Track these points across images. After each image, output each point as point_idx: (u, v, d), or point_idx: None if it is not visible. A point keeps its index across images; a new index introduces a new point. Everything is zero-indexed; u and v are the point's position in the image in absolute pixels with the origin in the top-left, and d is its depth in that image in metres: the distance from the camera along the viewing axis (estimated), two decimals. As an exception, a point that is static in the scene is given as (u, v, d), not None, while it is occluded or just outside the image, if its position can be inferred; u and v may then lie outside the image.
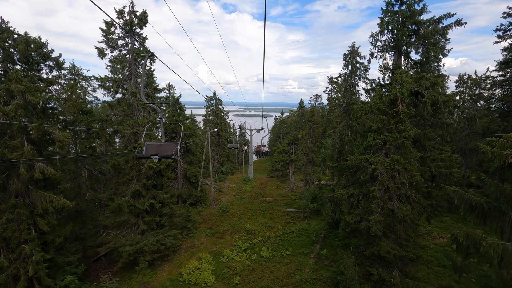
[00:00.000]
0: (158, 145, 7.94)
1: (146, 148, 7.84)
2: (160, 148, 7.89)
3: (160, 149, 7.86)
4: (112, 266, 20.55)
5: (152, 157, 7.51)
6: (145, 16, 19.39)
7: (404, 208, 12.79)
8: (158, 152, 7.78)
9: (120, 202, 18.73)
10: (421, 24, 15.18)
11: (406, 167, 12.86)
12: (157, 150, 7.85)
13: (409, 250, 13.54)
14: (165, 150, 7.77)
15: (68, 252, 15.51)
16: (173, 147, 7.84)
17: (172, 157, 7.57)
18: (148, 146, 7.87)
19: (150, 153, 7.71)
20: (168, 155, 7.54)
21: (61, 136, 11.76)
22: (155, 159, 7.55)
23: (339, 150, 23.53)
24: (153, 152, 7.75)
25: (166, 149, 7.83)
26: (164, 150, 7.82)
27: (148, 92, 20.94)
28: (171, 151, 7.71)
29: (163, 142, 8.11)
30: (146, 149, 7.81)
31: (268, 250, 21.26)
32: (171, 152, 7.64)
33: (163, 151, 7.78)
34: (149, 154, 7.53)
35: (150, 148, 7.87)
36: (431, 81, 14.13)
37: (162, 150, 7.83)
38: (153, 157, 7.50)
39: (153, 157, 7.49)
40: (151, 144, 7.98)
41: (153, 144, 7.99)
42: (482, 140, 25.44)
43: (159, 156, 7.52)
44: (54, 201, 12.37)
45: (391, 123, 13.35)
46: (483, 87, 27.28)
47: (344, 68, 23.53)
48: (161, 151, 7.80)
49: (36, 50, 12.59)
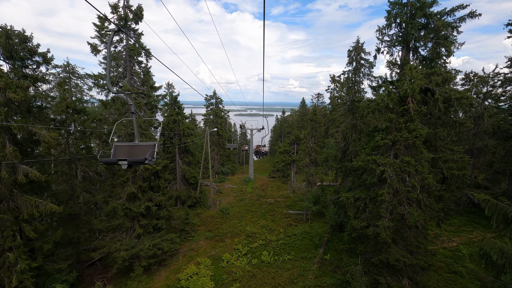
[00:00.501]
0: (130, 147, 6.40)
1: (115, 150, 6.32)
2: (132, 151, 6.32)
3: (132, 152, 6.31)
4: (107, 271, 19.78)
5: (119, 162, 5.88)
6: (141, 11, 18.59)
7: (415, 213, 11.91)
8: (129, 156, 6.24)
9: (115, 205, 17.94)
10: (432, 16, 14.27)
11: (417, 169, 11.97)
12: (129, 153, 6.29)
13: (420, 258, 12.65)
14: (138, 153, 6.25)
15: (58, 259, 14.73)
16: (149, 149, 6.35)
17: (146, 162, 6.03)
18: (118, 148, 6.35)
19: (119, 157, 6.15)
20: (141, 160, 6.00)
21: (47, 136, 10.96)
22: (124, 165, 5.88)
23: (343, 150, 22.65)
24: (122, 156, 6.17)
25: (140, 151, 6.28)
26: (137, 153, 6.28)
27: (144, 90, 20.15)
28: (145, 155, 6.18)
29: (136, 143, 6.54)
30: (115, 151, 6.30)
31: (269, 254, 20.42)
32: (145, 156, 6.07)
33: (135, 154, 6.27)
34: (115, 159, 5.97)
35: (120, 150, 6.34)
36: (443, 77, 13.22)
37: (135, 153, 6.29)
38: (121, 163, 5.87)
39: (121, 162, 5.87)
40: (121, 145, 6.41)
41: (123, 146, 6.41)
42: (493, 139, 24.62)
43: (128, 161, 5.91)
44: (40, 205, 11.58)
45: (400, 122, 12.45)
46: (492, 84, 26.29)
47: (348, 65, 22.63)
48: (134, 154, 6.27)
49: (21, 44, 11.80)
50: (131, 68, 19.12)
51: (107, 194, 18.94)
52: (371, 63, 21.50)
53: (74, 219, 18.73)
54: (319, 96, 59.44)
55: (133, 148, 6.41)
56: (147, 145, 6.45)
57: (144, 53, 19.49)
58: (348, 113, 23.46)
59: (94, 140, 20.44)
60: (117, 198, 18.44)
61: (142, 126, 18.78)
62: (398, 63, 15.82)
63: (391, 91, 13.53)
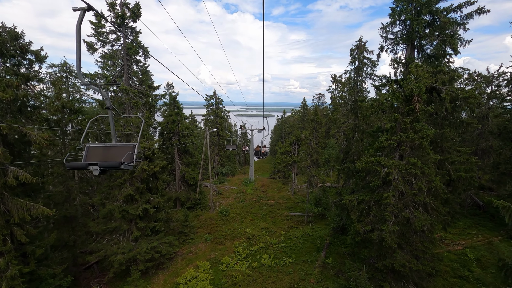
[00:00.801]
0: (105, 149, 5.46)
1: (88, 152, 5.36)
2: (108, 153, 5.37)
3: (108, 155, 5.36)
4: (104, 274, 19.34)
5: (90, 168, 4.88)
6: (138, 8, 18.17)
7: (421, 217, 11.43)
8: (104, 159, 5.26)
9: (112, 208, 17.50)
10: (438, 13, 13.80)
11: (424, 171, 11.49)
12: (104, 156, 5.33)
13: (427, 264, 12.18)
14: (115, 156, 5.31)
15: (53, 263, 14.28)
16: (126, 150, 5.41)
17: (121, 167, 4.97)
18: (91, 150, 5.41)
19: (92, 160, 5.16)
20: (115, 165, 4.93)
21: (38, 137, 10.53)
22: (95, 170, 4.89)
23: (345, 151, 22.17)
24: (96, 160, 5.19)
25: (117, 154, 5.33)
26: (113, 156, 5.34)
27: (142, 90, 19.73)
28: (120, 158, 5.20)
29: (114, 144, 5.57)
30: (87, 154, 5.34)
31: (270, 257, 19.94)
32: (120, 160, 5.06)
33: (111, 157, 5.32)
34: (84, 163, 4.94)
35: (93, 153, 5.39)
36: (450, 75, 12.75)
37: (111, 156, 5.34)
38: (92, 168, 4.87)
39: (92, 167, 4.86)
40: (94, 147, 5.47)
41: (98, 147, 5.46)
42: (498, 140, 24.11)
43: (100, 166, 4.86)
44: (32, 209, 11.14)
45: (406, 122, 11.99)
46: (497, 84, 25.78)
47: (351, 64, 22.16)
48: (110, 157, 5.31)
49: (11, 41, 11.38)
50: (129, 67, 18.70)
51: (103, 196, 18.49)
52: (374, 62, 21.03)
53: (70, 221, 18.31)
54: (320, 96, 59.01)
55: (109, 150, 5.45)
56: (125, 146, 5.51)
57: (142, 52, 19.08)
58: (350, 113, 22.99)
59: (92, 140, 19.99)
60: (114, 200, 18.00)
61: (140, 126, 18.36)
62: (402, 61, 15.36)
63: (396, 90, 13.06)
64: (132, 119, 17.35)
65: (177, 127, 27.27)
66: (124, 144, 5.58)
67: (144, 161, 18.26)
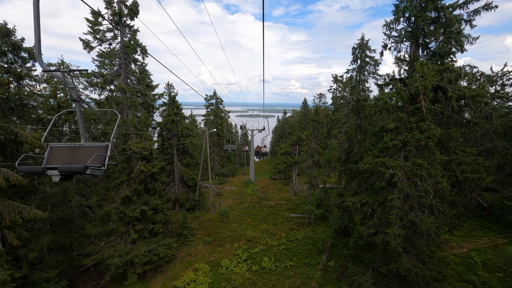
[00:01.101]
0: (71, 149, 4.55)
1: (50, 153, 4.46)
2: (74, 155, 4.47)
3: (73, 157, 4.45)
4: (101, 277, 18.93)
5: (48, 172, 4.05)
6: (136, 6, 17.82)
7: (428, 220, 11.00)
8: (68, 162, 4.36)
9: (109, 209, 17.11)
10: (444, 9, 13.39)
11: (430, 172, 11.07)
12: (69, 158, 4.43)
13: (433, 268, 11.75)
14: (82, 158, 4.37)
15: (47, 266, 13.87)
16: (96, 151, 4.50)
17: (87, 172, 4.08)
18: (54, 150, 4.50)
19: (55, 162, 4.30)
20: (78, 169, 4.00)
21: (29, 137, 10.16)
22: (55, 176, 4.03)
23: (347, 152, 21.73)
24: (60, 162, 4.32)
25: (86, 156, 4.40)
26: (80, 158, 4.42)
27: (140, 89, 19.35)
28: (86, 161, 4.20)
29: (82, 143, 4.67)
30: (50, 155, 4.44)
31: (271, 260, 19.51)
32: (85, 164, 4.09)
33: (77, 159, 4.40)
34: (40, 167, 4.06)
35: (57, 154, 4.47)
36: (457, 73, 12.33)
37: (77, 158, 4.43)
38: (51, 173, 4.04)
39: (51, 173, 4.04)
40: (59, 147, 4.56)
41: (63, 148, 4.57)
42: (503, 140, 23.63)
43: (60, 170, 3.96)
44: (24, 211, 10.75)
45: (411, 121, 11.58)
46: (502, 83, 25.33)
47: (353, 63, 21.72)
48: (75, 159, 4.40)
49: (2, 38, 11.01)
50: (126, 66, 18.32)
51: (100, 197, 18.11)
52: (377, 61, 20.59)
53: (67, 223, 17.92)
54: (321, 96, 58.60)
55: (76, 151, 4.52)
56: (96, 146, 4.60)
57: (140, 50, 18.70)
58: (352, 113, 22.56)
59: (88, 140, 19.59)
60: (111, 201, 17.62)
61: (138, 127, 17.98)
62: (407, 59, 14.95)
63: (400, 89, 12.65)
64: (129, 119, 16.97)
65: (176, 127, 26.89)
66: (95, 144, 4.69)
67: (142, 162, 17.88)
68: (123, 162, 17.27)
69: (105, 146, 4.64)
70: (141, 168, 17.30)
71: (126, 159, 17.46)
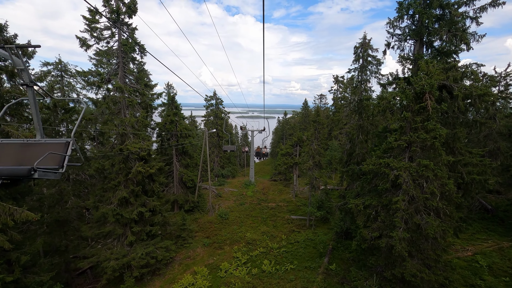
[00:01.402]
0: (22, 146, 3.63)
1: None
2: (25, 154, 3.55)
3: (24, 156, 3.52)
4: (98, 280, 18.52)
5: None
6: (134, 4, 17.49)
7: (434, 223, 10.61)
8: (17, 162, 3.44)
9: (105, 211, 16.72)
10: (449, 6, 13.04)
11: (436, 173, 10.69)
12: (19, 157, 3.50)
13: (439, 273, 11.34)
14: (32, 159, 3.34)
15: (40, 270, 13.49)
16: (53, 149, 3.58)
17: (34, 176, 3.13)
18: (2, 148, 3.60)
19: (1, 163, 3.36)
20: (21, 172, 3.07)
21: (21, 136, 9.81)
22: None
23: (349, 153, 21.36)
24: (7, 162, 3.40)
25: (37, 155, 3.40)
26: (31, 157, 3.43)
27: (138, 88, 19.00)
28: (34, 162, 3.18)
29: (38, 139, 3.77)
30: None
31: (271, 263, 19.10)
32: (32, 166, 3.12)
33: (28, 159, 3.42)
34: None
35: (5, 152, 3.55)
36: (464, 72, 11.97)
37: (28, 157, 3.48)
38: None
39: None
40: (8, 143, 3.65)
41: (12, 144, 3.64)
42: (508, 141, 23.23)
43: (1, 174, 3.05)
44: (15, 213, 10.37)
45: (416, 121, 11.21)
46: (505, 84, 24.98)
47: (354, 62, 21.41)
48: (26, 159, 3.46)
49: (-6, 34, 10.70)
50: (124, 64, 17.98)
51: (97, 198, 17.72)
52: (379, 60, 20.30)
53: (62, 225, 17.54)
54: (322, 97, 58.28)
55: (28, 149, 3.62)
56: (54, 143, 3.71)
57: (139, 49, 18.37)
58: (353, 114, 22.23)
59: (85, 140, 19.26)
60: (108, 203, 17.24)
61: (135, 126, 17.61)
62: (411, 58, 14.59)
63: (405, 88, 12.28)
64: (127, 119, 16.60)
65: (175, 128, 26.53)
66: (53, 141, 3.78)
67: (140, 163, 17.51)
68: (120, 163, 16.91)
69: (65, 143, 3.74)
70: (138, 169, 16.93)
71: (124, 160, 17.10)
